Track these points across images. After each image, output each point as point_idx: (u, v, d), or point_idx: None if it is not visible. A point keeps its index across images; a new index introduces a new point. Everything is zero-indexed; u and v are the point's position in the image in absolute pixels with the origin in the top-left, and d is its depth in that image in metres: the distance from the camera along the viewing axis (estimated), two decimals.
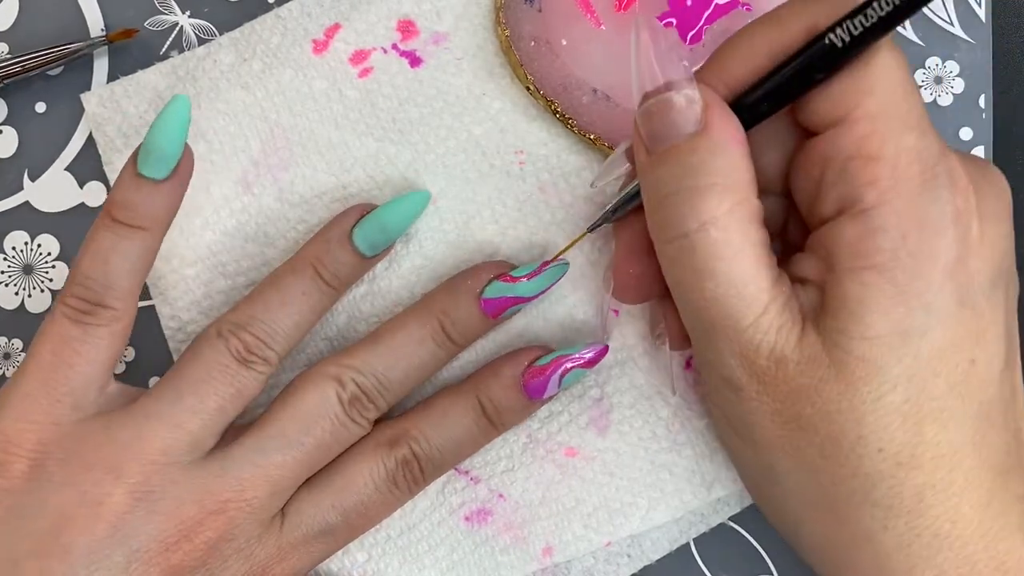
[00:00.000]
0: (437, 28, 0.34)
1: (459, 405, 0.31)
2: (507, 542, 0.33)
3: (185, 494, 0.27)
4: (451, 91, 0.34)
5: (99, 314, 0.28)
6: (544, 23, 0.33)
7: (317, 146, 0.34)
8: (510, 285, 0.31)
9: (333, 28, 0.34)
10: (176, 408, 0.28)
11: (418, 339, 0.31)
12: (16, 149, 0.35)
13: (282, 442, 0.29)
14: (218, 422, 0.29)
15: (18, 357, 0.34)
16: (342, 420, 0.30)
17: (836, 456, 0.25)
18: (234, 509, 0.28)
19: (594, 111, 0.33)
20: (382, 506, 0.30)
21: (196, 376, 0.29)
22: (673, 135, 0.25)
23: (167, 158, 0.28)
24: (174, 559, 0.27)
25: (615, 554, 0.34)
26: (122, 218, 0.28)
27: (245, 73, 0.34)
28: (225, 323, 0.30)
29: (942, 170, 0.24)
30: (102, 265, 0.28)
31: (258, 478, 0.28)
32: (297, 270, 0.31)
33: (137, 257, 0.28)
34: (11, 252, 0.35)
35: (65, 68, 0.35)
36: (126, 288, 0.28)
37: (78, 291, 0.28)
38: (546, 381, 0.31)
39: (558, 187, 0.34)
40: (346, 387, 0.30)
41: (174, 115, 0.28)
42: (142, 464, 0.27)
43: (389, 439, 0.30)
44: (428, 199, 0.32)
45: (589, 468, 0.33)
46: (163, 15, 0.35)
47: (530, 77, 0.33)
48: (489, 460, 0.33)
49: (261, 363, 0.30)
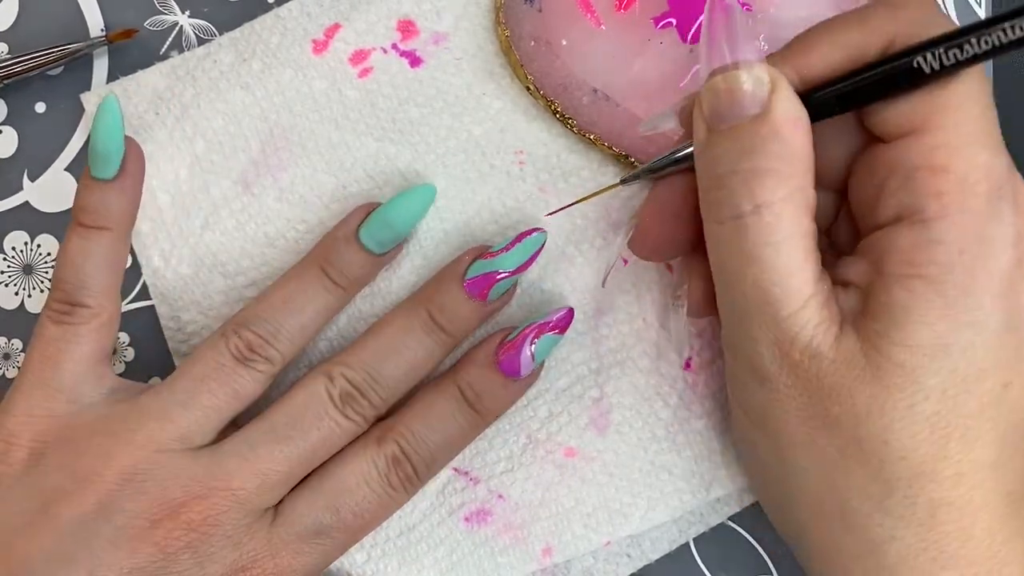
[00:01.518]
0: (437, 28, 0.34)
1: (441, 396, 0.31)
2: (507, 542, 0.33)
3: (172, 478, 0.28)
4: (451, 91, 0.34)
5: (77, 313, 0.29)
6: (544, 23, 0.33)
7: (317, 146, 0.34)
8: (490, 260, 0.31)
9: (333, 28, 0.34)
10: (169, 404, 0.29)
11: (406, 329, 0.31)
12: (16, 149, 0.35)
13: (272, 437, 0.29)
14: (211, 419, 0.29)
15: (18, 357, 0.34)
16: (334, 416, 0.30)
17: (857, 458, 0.25)
18: (219, 496, 0.28)
19: (594, 111, 0.33)
20: (379, 507, 0.30)
21: (194, 374, 0.29)
22: (736, 114, 0.24)
23: (109, 157, 0.29)
24: (158, 535, 0.27)
25: (615, 554, 0.34)
26: (86, 221, 0.30)
27: (245, 73, 0.34)
28: (230, 323, 0.30)
29: (1008, 191, 0.24)
30: (72, 267, 0.29)
31: (245, 470, 0.28)
32: (303, 271, 0.31)
33: (104, 255, 0.30)
34: (11, 252, 0.35)
35: (65, 68, 0.35)
36: (99, 286, 0.30)
37: (57, 294, 0.29)
38: (518, 354, 0.30)
39: (558, 187, 0.34)
40: (335, 382, 0.30)
41: (106, 115, 0.29)
42: (132, 450, 0.28)
43: (377, 437, 0.30)
44: (434, 193, 0.32)
45: (589, 468, 0.33)
46: (163, 15, 0.35)
47: (530, 77, 0.33)
48: (489, 461, 0.33)
49: (262, 362, 0.30)
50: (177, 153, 0.34)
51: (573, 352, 0.33)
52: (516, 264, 0.31)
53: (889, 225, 0.25)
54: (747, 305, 0.25)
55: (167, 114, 0.34)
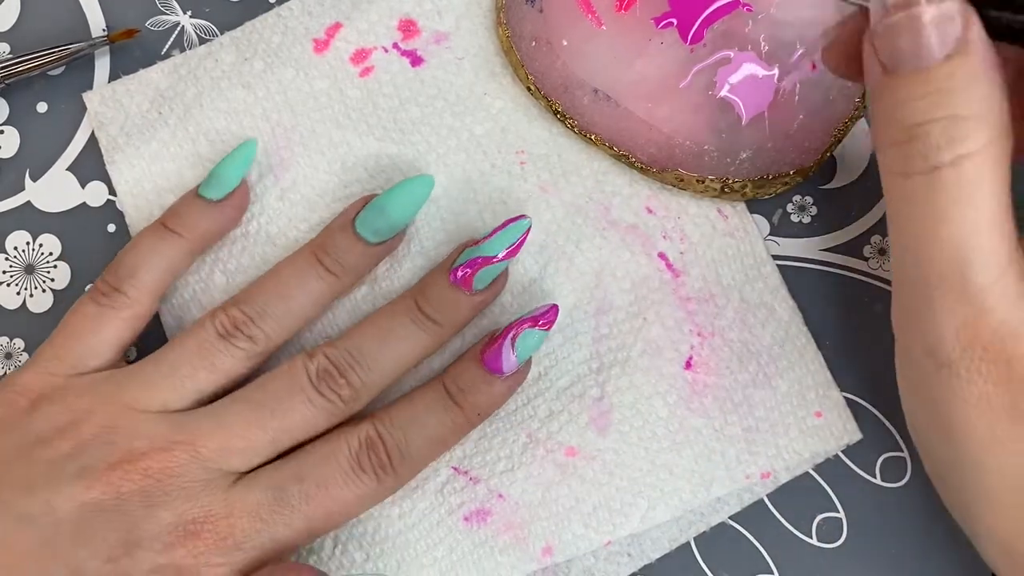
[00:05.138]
0: (438, 27, 0.34)
1: (425, 389, 0.31)
2: (506, 542, 0.33)
3: (141, 432, 0.29)
4: (452, 91, 0.34)
5: (114, 298, 0.31)
6: (545, 23, 0.33)
7: (318, 145, 0.34)
8: (475, 247, 0.31)
9: (334, 27, 0.34)
10: (152, 372, 0.30)
11: (392, 316, 0.31)
12: (18, 149, 0.35)
13: (244, 406, 0.30)
14: (188, 389, 0.30)
15: (20, 357, 0.34)
16: (307, 392, 0.30)
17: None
18: (180, 451, 0.29)
19: (595, 111, 0.33)
20: (345, 488, 0.29)
21: (179, 347, 0.30)
22: (924, 56, 0.22)
23: (226, 183, 0.32)
24: (114, 476, 0.28)
25: (615, 553, 0.34)
26: (170, 224, 0.31)
27: (246, 72, 0.34)
28: (221, 305, 0.31)
29: None
30: (134, 256, 0.31)
31: (211, 431, 0.29)
32: (297, 257, 0.31)
33: (167, 258, 0.31)
34: (13, 252, 0.35)
35: (67, 68, 0.35)
36: (148, 282, 0.31)
37: (107, 275, 0.31)
38: (499, 348, 0.30)
39: (559, 187, 0.34)
40: (314, 359, 0.30)
41: (244, 151, 0.32)
42: (113, 410, 0.29)
43: (355, 422, 0.30)
44: (432, 184, 0.32)
45: (589, 468, 0.33)
46: (164, 15, 0.35)
47: (531, 77, 0.33)
48: (488, 460, 0.33)
49: (244, 339, 0.30)
50: (180, 152, 0.34)
51: (573, 351, 0.33)
52: (501, 249, 0.30)
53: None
54: (932, 272, 0.22)
55: (169, 113, 0.34)
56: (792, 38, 0.32)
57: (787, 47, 0.32)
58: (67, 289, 0.34)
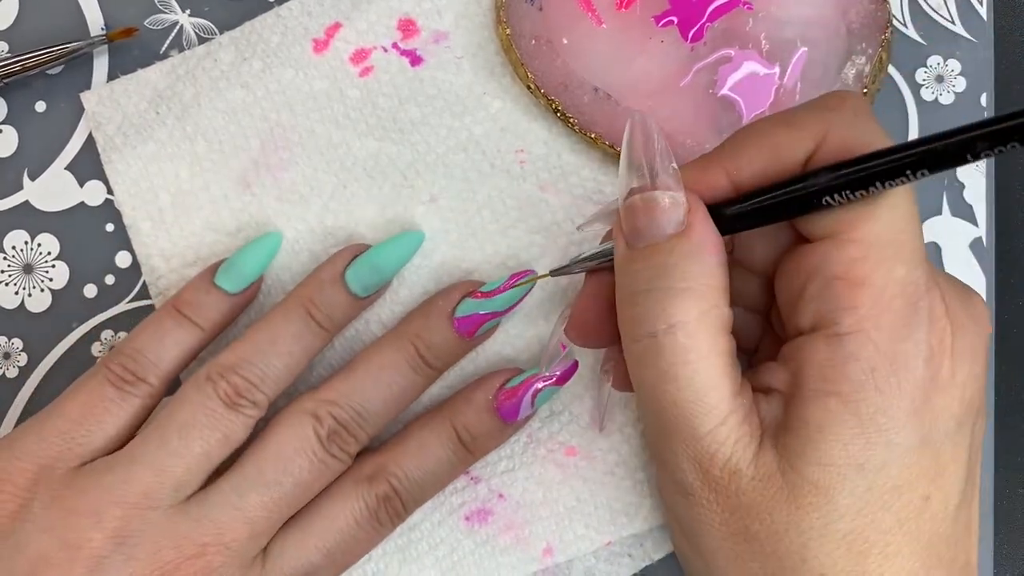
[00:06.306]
0: (438, 27, 0.34)
1: (435, 436, 0.31)
2: (507, 542, 0.33)
3: (163, 539, 0.28)
4: (452, 90, 0.34)
5: (139, 386, 0.29)
6: (545, 22, 0.33)
7: (317, 145, 0.34)
8: (480, 301, 0.31)
9: (333, 27, 0.34)
10: (161, 452, 0.28)
11: (394, 365, 0.31)
12: (16, 148, 0.35)
13: (260, 482, 0.29)
14: (203, 466, 0.29)
15: (18, 357, 0.34)
16: (321, 456, 0.29)
17: (779, 574, 0.25)
18: (212, 553, 0.28)
19: (595, 110, 0.33)
20: (366, 542, 0.30)
21: (182, 420, 0.29)
22: (654, 234, 0.25)
23: (244, 278, 0.31)
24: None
25: (616, 554, 0.34)
26: (188, 313, 0.30)
27: (245, 72, 0.34)
28: (215, 366, 0.30)
29: (924, 306, 0.24)
30: (157, 344, 0.30)
31: (237, 521, 0.28)
32: (289, 312, 0.31)
33: (186, 347, 0.30)
34: (11, 251, 0.34)
35: (65, 67, 0.35)
36: (169, 371, 0.30)
37: (127, 361, 0.30)
38: (519, 403, 0.31)
39: (559, 186, 0.34)
40: (323, 422, 0.29)
41: (268, 244, 0.32)
42: (123, 508, 0.27)
43: (368, 476, 0.30)
44: (421, 240, 0.33)
45: (590, 467, 0.33)
46: (163, 14, 0.35)
47: (531, 76, 0.33)
48: (489, 460, 0.33)
49: (250, 406, 0.29)
50: (177, 152, 0.34)
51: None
52: (506, 306, 0.31)
53: (807, 333, 0.25)
54: (666, 422, 0.25)
55: (167, 113, 0.34)
56: (793, 36, 0.32)
57: (788, 45, 0.32)
58: (65, 288, 0.34)
